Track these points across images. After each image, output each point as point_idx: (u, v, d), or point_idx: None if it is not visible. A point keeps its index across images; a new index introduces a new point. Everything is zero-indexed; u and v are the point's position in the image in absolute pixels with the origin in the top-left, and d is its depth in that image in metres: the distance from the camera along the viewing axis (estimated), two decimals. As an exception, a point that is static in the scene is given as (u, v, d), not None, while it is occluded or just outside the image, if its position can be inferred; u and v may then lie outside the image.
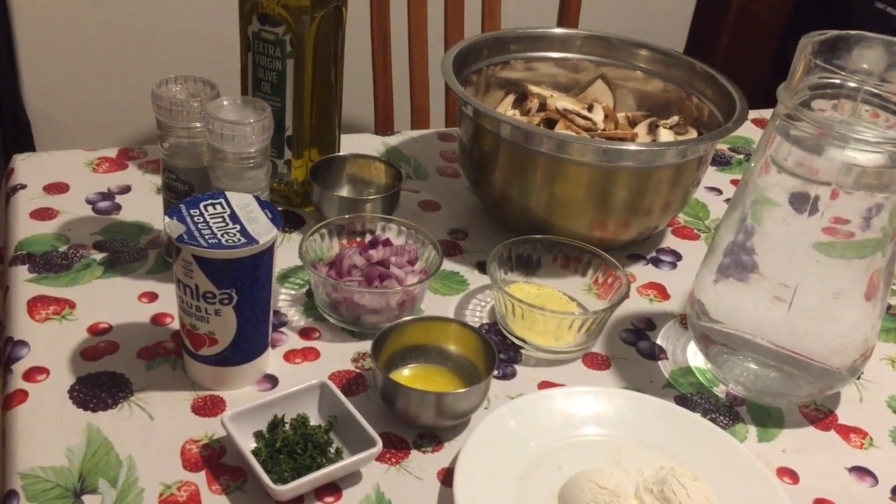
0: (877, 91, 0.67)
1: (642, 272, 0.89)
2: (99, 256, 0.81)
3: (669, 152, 0.82)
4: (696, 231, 0.96)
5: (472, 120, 0.88)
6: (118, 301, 0.76)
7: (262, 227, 0.65)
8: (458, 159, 0.96)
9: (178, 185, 0.78)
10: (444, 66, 0.90)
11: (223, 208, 0.66)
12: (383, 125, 1.39)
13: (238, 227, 0.65)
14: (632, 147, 0.84)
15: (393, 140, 1.07)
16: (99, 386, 0.68)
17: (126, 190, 0.91)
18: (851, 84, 0.67)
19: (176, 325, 0.74)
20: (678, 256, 0.92)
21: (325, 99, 0.88)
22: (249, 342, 0.67)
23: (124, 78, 1.75)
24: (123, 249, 0.83)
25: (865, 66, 0.69)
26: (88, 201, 0.88)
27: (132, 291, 0.78)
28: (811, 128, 0.65)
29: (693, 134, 0.94)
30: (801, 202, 0.66)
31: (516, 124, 0.84)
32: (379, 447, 0.61)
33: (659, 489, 0.61)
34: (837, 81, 0.67)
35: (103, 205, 0.88)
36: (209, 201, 0.67)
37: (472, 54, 0.95)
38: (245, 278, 0.64)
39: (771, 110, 0.72)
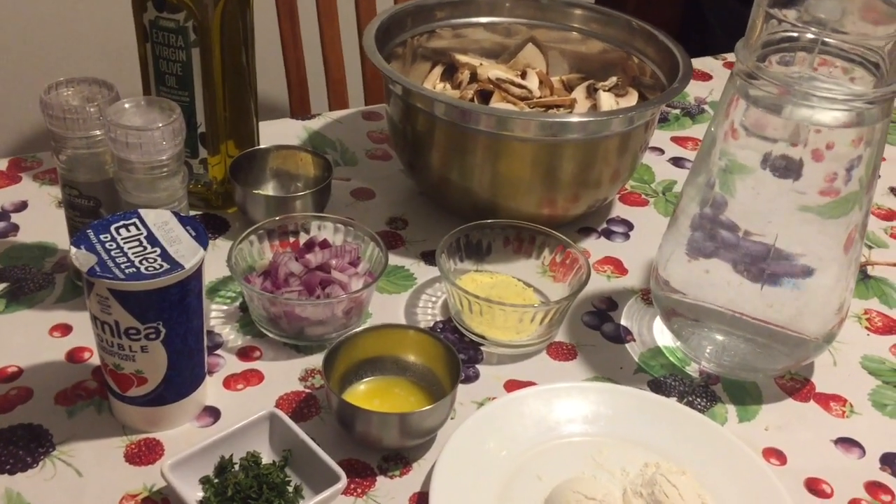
0: (835, 42, 0.63)
1: (595, 246, 0.84)
2: (-1, 288, 0.72)
3: (616, 121, 0.77)
4: (643, 196, 0.92)
5: (403, 99, 0.81)
6: (26, 338, 0.68)
7: (185, 249, 0.57)
8: (389, 140, 0.89)
9: (81, 201, 0.69)
10: (367, 42, 0.83)
11: (138, 229, 0.58)
12: (299, 106, 1.31)
13: (158, 250, 0.57)
14: (577, 118, 0.78)
15: (314, 124, 0.99)
16: (14, 443, 0.59)
17: (22, 206, 0.81)
18: (809, 36, 0.63)
19: (96, 359, 0.66)
20: (629, 226, 0.87)
21: (239, 86, 0.80)
22: (184, 376, 0.60)
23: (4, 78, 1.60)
24: (26, 277, 0.73)
25: (822, 15, 0.65)
26: (-20, 224, 0.79)
27: (41, 325, 0.69)
28: (772, 87, 0.61)
29: (633, 95, 0.90)
30: (783, 167, 0.61)
31: (451, 102, 0.78)
32: (343, 482, 0.55)
33: (649, 491, 0.57)
34: (795, 35, 0.63)
35: (-2, 226, 0.79)
36: (121, 223, 0.59)
37: (394, 26, 0.88)
38: (172, 309, 0.56)
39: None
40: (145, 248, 0.57)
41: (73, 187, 0.69)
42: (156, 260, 0.56)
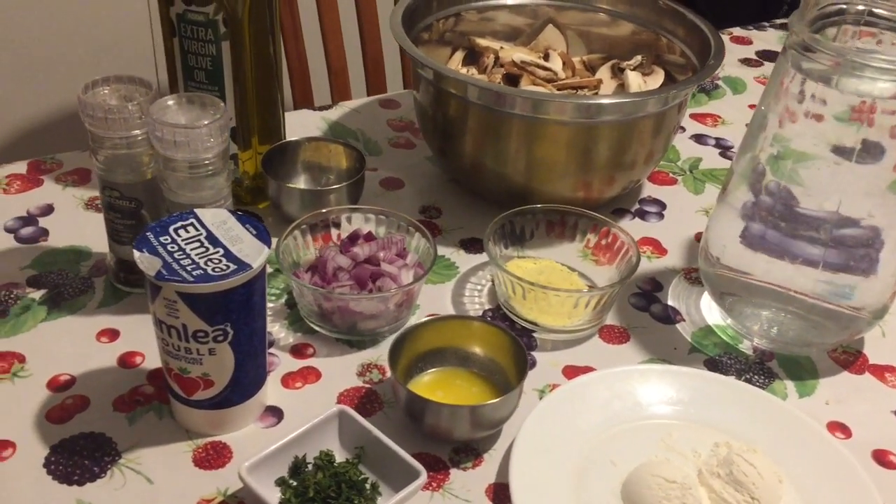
0: (884, 13, 0.63)
1: (631, 227, 0.84)
2: (37, 295, 0.70)
3: (652, 101, 0.77)
4: (671, 175, 0.92)
5: (434, 84, 0.80)
6: (74, 345, 0.66)
7: (248, 248, 0.56)
8: (419, 127, 0.87)
9: (122, 203, 0.67)
10: (394, 26, 0.81)
11: (197, 230, 0.57)
12: (303, 97, 1.29)
13: (221, 250, 0.55)
14: (614, 100, 0.78)
15: (333, 114, 0.98)
16: (78, 453, 0.58)
17: (48, 210, 0.79)
18: (859, 7, 0.63)
19: (149, 363, 0.65)
20: (662, 205, 0.87)
21: (266, 78, 0.78)
22: (249, 377, 0.59)
23: (12, 79, 1.55)
24: (64, 282, 0.72)
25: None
26: (8, 230, 0.76)
27: (87, 331, 0.67)
28: (827, 58, 0.61)
29: (660, 73, 0.89)
30: (863, 151, 0.61)
31: (486, 86, 0.77)
32: (424, 477, 0.55)
33: (727, 471, 0.57)
34: (844, 6, 0.63)
35: (27, 231, 0.76)
36: (179, 224, 0.57)
37: (419, 9, 0.86)
38: (240, 309, 0.55)
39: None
40: (207, 249, 0.55)
41: (114, 189, 0.67)
42: (220, 260, 0.55)
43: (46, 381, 0.63)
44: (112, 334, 0.67)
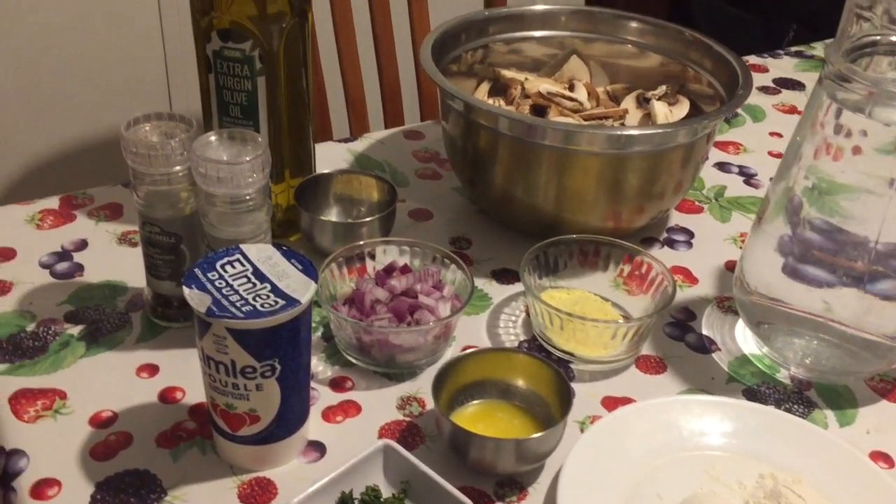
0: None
1: (661, 256, 0.83)
2: (76, 330, 0.70)
3: (682, 132, 0.77)
4: (697, 203, 0.92)
5: (463, 116, 0.81)
6: (114, 381, 0.66)
7: (295, 283, 0.56)
8: (448, 158, 0.88)
9: (162, 238, 0.68)
10: (424, 59, 0.82)
11: (243, 265, 0.57)
12: (321, 129, 1.29)
13: (268, 286, 0.56)
14: (645, 131, 0.78)
15: (359, 146, 0.98)
16: (124, 490, 0.58)
17: (82, 245, 0.80)
18: (893, 38, 0.64)
19: (189, 399, 0.65)
20: (690, 234, 0.87)
21: (299, 110, 0.79)
22: (294, 412, 0.59)
23: (42, 114, 1.57)
24: (101, 317, 0.72)
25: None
26: (43, 265, 0.77)
27: (127, 367, 0.67)
28: (863, 88, 0.61)
29: (685, 103, 0.90)
30: None
31: (517, 118, 0.78)
32: (473, 511, 0.55)
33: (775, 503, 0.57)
34: (877, 37, 0.64)
35: (62, 267, 0.77)
36: (225, 259, 0.58)
37: (449, 42, 0.87)
38: (287, 344, 0.55)
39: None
40: (255, 285, 0.56)
41: (154, 224, 0.67)
42: (269, 296, 0.55)
43: (89, 418, 0.63)
44: (152, 369, 0.67)
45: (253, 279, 0.56)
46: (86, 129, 1.62)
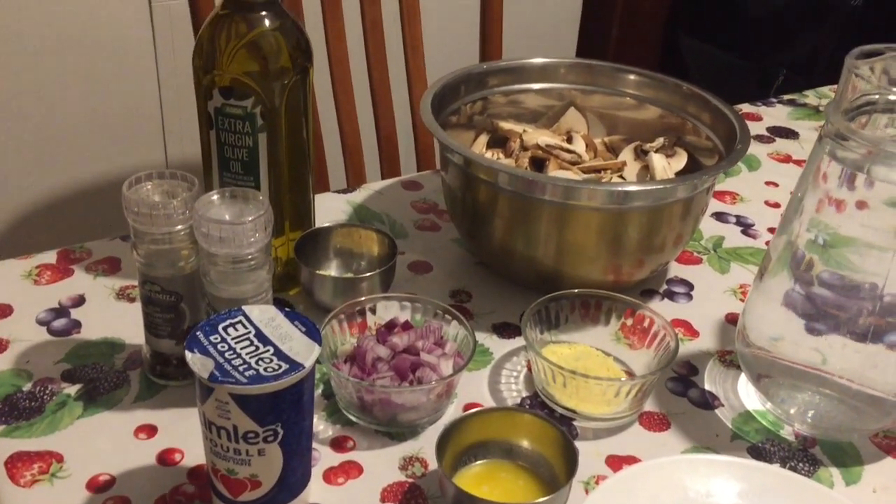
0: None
1: (661, 308, 0.84)
2: (73, 390, 0.69)
3: (682, 187, 0.78)
4: (696, 254, 0.93)
5: (462, 169, 0.81)
6: (112, 443, 0.65)
7: (299, 346, 0.56)
8: (447, 209, 0.88)
9: (162, 297, 0.67)
10: (424, 111, 0.82)
11: (245, 328, 0.57)
12: (318, 180, 1.29)
13: (271, 349, 0.55)
14: (645, 186, 0.78)
15: (357, 197, 0.99)
16: (122, 558, 0.57)
17: (80, 301, 0.79)
18: (891, 97, 0.64)
19: (188, 461, 0.64)
20: (689, 286, 0.87)
21: (300, 164, 0.79)
22: (296, 476, 0.58)
23: (38, 165, 1.57)
24: (99, 376, 0.71)
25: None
26: (41, 322, 0.76)
27: (125, 427, 0.66)
28: (861, 148, 0.62)
29: (683, 155, 0.90)
30: None
31: (516, 173, 0.78)
32: (480, 580, 0.54)
33: (784, 568, 0.56)
34: (876, 96, 0.65)
35: (59, 324, 0.76)
36: (227, 322, 0.57)
37: (448, 95, 0.88)
38: (290, 409, 0.55)
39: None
40: (258, 348, 0.55)
41: (154, 283, 0.67)
42: (272, 360, 0.54)
43: (86, 482, 0.62)
44: (150, 430, 0.66)
45: (256, 342, 0.56)
46: (82, 179, 1.63)
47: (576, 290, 0.76)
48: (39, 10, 1.54)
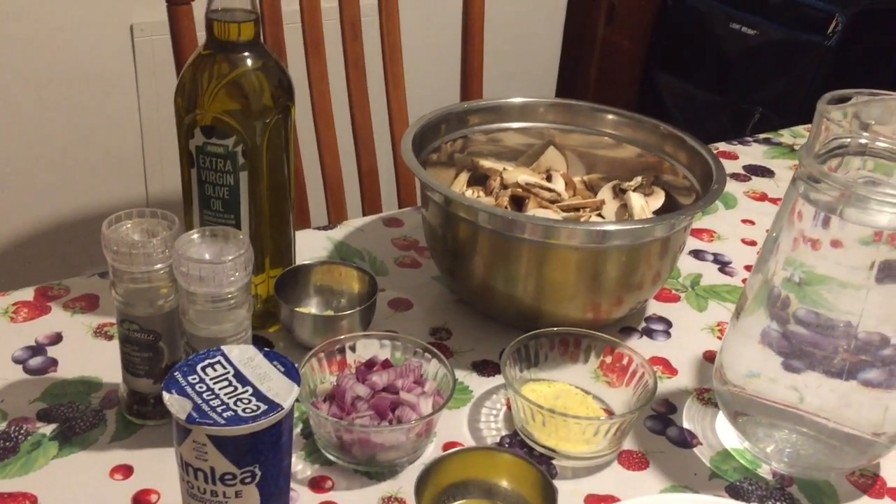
0: (886, 146, 0.65)
1: (640, 346, 0.84)
2: (48, 429, 0.69)
3: (659, 226, 0.79)
4: (674, 292, 0.93)
5: (443, 208, 0.81)
6: (87, 484, 0.64)
7: (278, 386, 0.55)
8: (428, 246, 0.89)
9: (140, 335, 0.67)
10: (405, 151, 0.83)
11: (224, 368, 0.57)
12: (299, 217, 1.30)
13: (249, 389, 0.55)
14: (623, 226, 0.79)
15: (338, 234, 0.99)
16: None
17: (57, 339, 0.78)
18: (861, 140, 0.66)
19: (166, 502, 0.63)
20: (668, 323, 0.88)
21: (281, 201, 0.79)
22: (273, 518, 0.58)
23: (14, 203, 1.57)
24: (75, 415, 0.70)
25: (871, 121, 0.68)
26: (16, 360, 0.75)
27: (101, 468, 0.66)
28: (834, 190, 0.63)
29: (661, 194, 0.92)
30: (882, 272, 0.63)
31: (496, 212, 0.78)
32: None
33: None
34: (848, 140, 0.66)
35: (35, 362, 0.75)
36: (206, 362, 0.57)
37: (429, 133, 0.89)
38: (269, 450, 0.54)
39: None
40: (236, 388, 0.55)
41: (133, 322, 0.66)
42: (251, 401, 0.54)
43: (60, 524, 0.61)
44: (126, 470, 0.66)
45: (234, 382, 0.56)
46: (62, 215, 1.62)
47: (555, 329, 0.77)
48: (20, 46, 1.55)
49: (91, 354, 0.77)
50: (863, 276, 0.64)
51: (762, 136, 1.32)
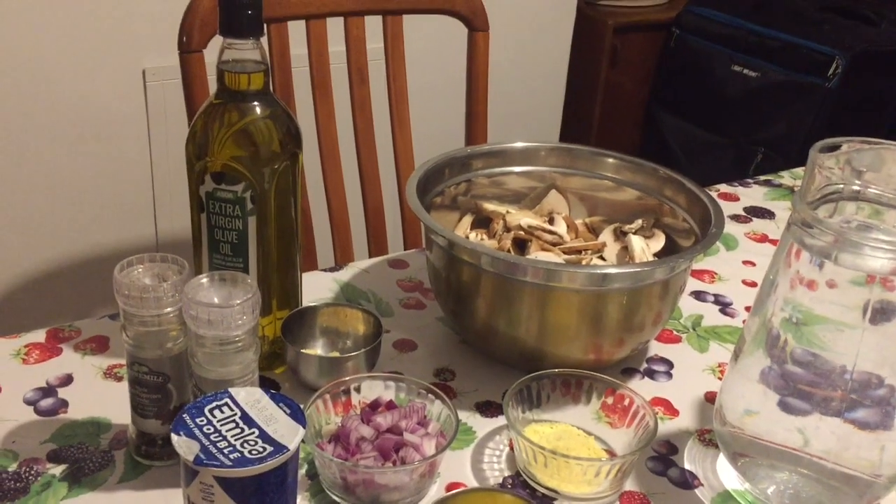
0: (876, 192, 0.67)
1: (641, 387, 0.85)
2: (58, 470, 0.70)
3: (660, 269, 0.80)
4: (675, 333, 0.94)
5: (447, 251, 0.83)
6: (96, 524, 0.65)
7: (283, 428, 0.57)
8: (432, 288, 0.90)
9: (150, 378, 0.68)
10: (409, 195, 0.85)
11: (231, 410, 0.58)
12: (306, 259, 1.32)
13: (256, 431, 0.56)
14: (624, 269, 0.81)
15: (344, 275, 1.00)
16: None
17: (67, 381, 0.80)
18: (854, 187, 0.67)
19: (172, 542, 0.64)
20: (670, 364, 0.89)
21: (288, 244, 0.81)
22: (279, 559, 0.59)
23: (25, 246, 1.59)
24: (84, 456, 0.71)
25: (863, 168, 0.69)
26: (28, 401, 0.77)
27: (109, 509, 0.67)
28: (827, 236, 0.65)
29: (661, 237, 0.93)
30: (879, 312, 0.64)
31: (499, 256, 0.80)
32: None
33: None
34: (841, 186, 0.67)
35: (46, 403, 0.77)
36: (214, 404, 0.58)
37: (433, 177, 0.91)
38: (274, 491, 0.55)
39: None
40: (243, 430, 0.56)
41: (143, 364, 0.68)
42: (257, 442, 0.55)
43: (69, 565, 0.62)
44: (134, 512, 0.67)
45: (241, 424, 0.57)
46: (73, 257, 1.64)
47: (557, 370, 0.78)
48: (33, 89, 1.58)
49: (101, 395, 0.78)
50: (857, 316, 0.65)
51: (763, 177, 1.34)
